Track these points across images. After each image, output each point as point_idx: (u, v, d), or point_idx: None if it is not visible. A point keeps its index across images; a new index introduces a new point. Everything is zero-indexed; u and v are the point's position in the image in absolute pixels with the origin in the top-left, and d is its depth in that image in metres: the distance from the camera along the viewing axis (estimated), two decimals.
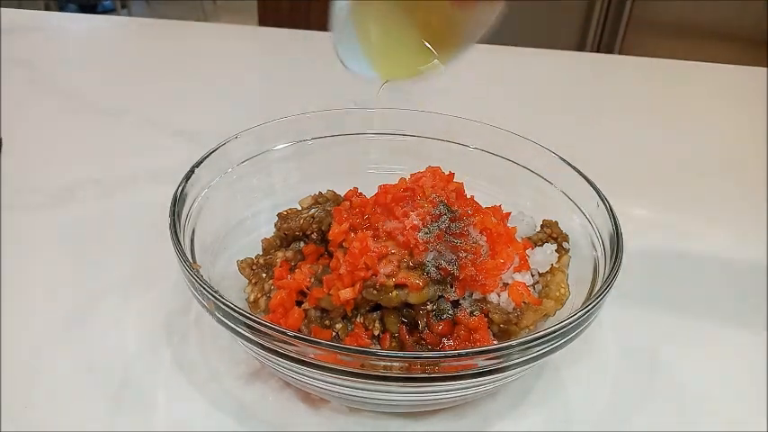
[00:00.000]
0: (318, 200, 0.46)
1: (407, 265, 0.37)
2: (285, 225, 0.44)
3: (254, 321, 0.30)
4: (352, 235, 0.39)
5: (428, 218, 0.38)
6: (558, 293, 0.40)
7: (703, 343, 0.44)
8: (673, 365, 0.42)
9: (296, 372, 0.32)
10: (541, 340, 0.30)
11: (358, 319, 0.38)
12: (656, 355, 0.43)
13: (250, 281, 0.42)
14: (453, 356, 0.30)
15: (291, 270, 0.41)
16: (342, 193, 0.46)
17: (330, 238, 0.40)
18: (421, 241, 0.37)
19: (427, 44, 0.33)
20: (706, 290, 0.49)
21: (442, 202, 0.40)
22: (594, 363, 0.42)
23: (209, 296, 0.32)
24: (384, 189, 0.42)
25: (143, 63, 0.93)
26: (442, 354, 0.30)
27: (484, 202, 0.45)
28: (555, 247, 0.42)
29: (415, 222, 0.38)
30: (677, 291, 0.49)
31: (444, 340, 0.37)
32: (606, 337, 0.44)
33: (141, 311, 0.44)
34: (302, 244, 0.44)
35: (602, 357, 0.42)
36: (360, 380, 0.30)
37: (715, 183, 0.65)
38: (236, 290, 0.42)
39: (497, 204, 0.46)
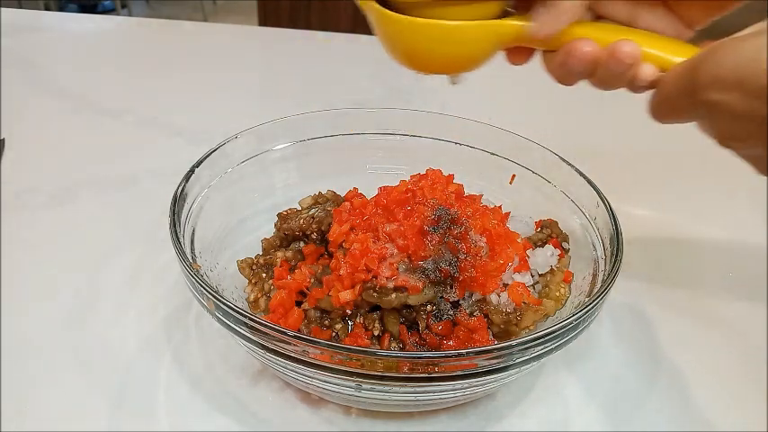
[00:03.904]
0: (318, 200, 0.46)
1: (407, 266, 0.37)
2: (285, 225, 0.44)
3: (254, 321, 0.30)
4: (353, 236, 0.39)
5: (428, 220, 0.38)
6: (557, 293, 0.40)
7: (703, 343, 0.44)
8: (673, 365, 0.42)
9: (296, 372, 0.32)
10: (541, 340, 0.30)
11: (358, 320, 0.38)
12: (656, 354, 0.43)
13: (250, 281, 0.42)
14: (453, 356, 0.30)
15: (291, 270, 0.41)
16: (342, 193, 0.46)
17: (330, 239, 0.40)
18: (421, 243, 0.37)
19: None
20: (706, 290, 0.49)
21: (440, 205, 0.40)
22: (594, 363, 0.42)
23: (209, 296, 0.32)
24: (384, 191, 0.42)
25: (143, 63, 0.93)
26: (442, 354, 0.30)
27: (483, 202, 0.45)
28: (557, 252, 0.42)
29: (416, 224, 0.38)
30: (677, 290, 0.49)
31: (444, 341, 0.37)
32: (606, 337, 0.44)
33: (141, 311, 0.44)
34: (302, 244, 0.44)
35: (602, 357, 0.42)
36: (360, 380, 0.30)
37: (715, 182, 0.65)
38: (236, 290, 0.42)
39: (497, 204, 0.46)
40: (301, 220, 0.43)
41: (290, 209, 0.46)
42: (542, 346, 0.31)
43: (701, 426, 0.38)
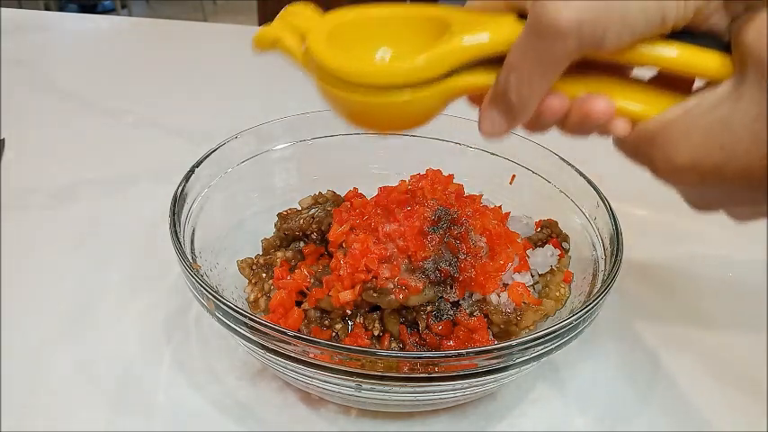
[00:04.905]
0: (318, 200, 0.46)
1: (407, 267, 0.37)
2: (285, 225, 0.44)
3: (254, 321, 0.30)
4: (353, 236, 0.39)
5: (428, 220, 0.38)
6: (557, 293, 0.40)
7: (703, 343, 0.44)
8: (672, 365, 0.42)
9: (296, 372, 0.32)
10: (541, 340, 0.30)
11: (358, 320, 0.38)
12: (655, 354, 0.43)
13: (250, 281, 0.42)
14: (453, 356, 0.30)
15: (291, 270, 0.41)
16: (342, 193, 0.46)
17: (330, 239, 0.40)
18: (421, 243, 0.37)
19: None
20: (706, 290, 0.49)
21: (440, 205, 0.40)
22: (594, 363, 0.42)
23: (209, 296, 0.32)
24: (384, 191, 0.42)
25: (143, 63, 0.93)
26: (442, 354, 0.30)
27: (483, 202, 0.45)
28: (557, 252, 0.42)
29: (415, 225, 0.38)
30: (677, 290, 0.49)
31: (444, 341, 0.37)
32: (606, 337, 0.44)
33: (141, 311, 0.44)
34: (302, 244, 0.44)
35: (602, 357, 0.42)
36: (360, 380, 0.30)
37: None
38: (236, 290, 0.42)
39: (497, 204, 0.46)
40: (301, 220, 0.43)
41: (290, 209, 0.46)
42: (542, 346, 0.31)
43: (700, 426, 0.38)
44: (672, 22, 0.25)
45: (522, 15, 0.28)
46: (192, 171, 0.41)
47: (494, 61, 0.28)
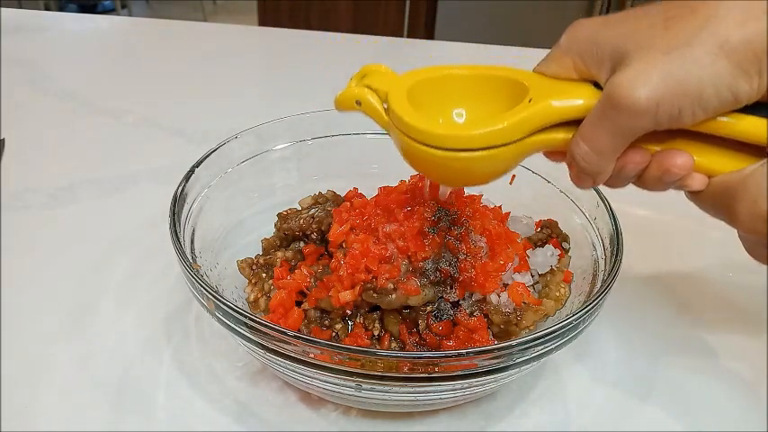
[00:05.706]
0: (318, 200, 0.46)
1: (407, 267, 0.37)
2: (285, 225, 0.44)
3: (254, 321, 0.30)
4: (353, 236, 0.39)
5: (428, 220, 0.38)
6: (557, 293, 0.40)
7: (703, 342, 0.44)
8: (672, 365, 0.42)
9: (296, 372, 0.32)
10: (541, 340, 0.30)
11: (358, 320, 0.38)
12: (655, 354, 0.43)
13: (250, 281, 0.42)
14: (453, 356, 0.30)
15: (291, 270, 0.41)
16: (342, 193, 0.46)
17: (330, 239, 0.40)
18: (421, 243, 0.37)
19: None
20: (706, 290, 0.49)
21: (440, 205, 0.40)
22: (594, 363, 0.42)
23: (209, 296, 0.32)
24: (384, 191, 0.42)
25: (143, 63, 0.93)
26: (442, 354, 0.30)
27: (483, 202, 0.45)
28: (557, 252, 0.42)
29: (415, 225, 0.38)
30: (677, 291, 0.49)
31: (444, 341, 0.37)
32: (606, 337, 0.44)
33: (141, 311, 0.44)
34: (302, 244, 0.44)
35: (602, 357, 0.42)
36: (360, 380, 0.30)
37: None
38: (236, 290, 0.42)
39: (497, 205, 0.46)
40: (301, 220, 0.43)
41: (290, 209, 0.46)
42: (542, 346, 0.31)
43: (700, 426, 0.38)
44: (744, 100, 0.26)
45: (598, 85, 0.29)
46: (191, 171, 0.41)
47: (569, 122, 0.30)
